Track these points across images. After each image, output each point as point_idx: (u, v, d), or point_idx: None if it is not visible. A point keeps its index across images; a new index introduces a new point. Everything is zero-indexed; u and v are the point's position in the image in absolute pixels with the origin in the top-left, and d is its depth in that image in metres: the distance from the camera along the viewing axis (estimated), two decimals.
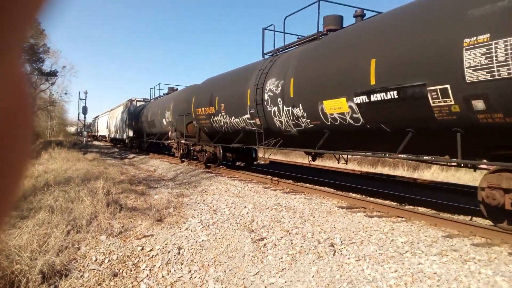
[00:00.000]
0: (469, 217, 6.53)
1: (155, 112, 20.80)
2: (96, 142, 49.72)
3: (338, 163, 10.73)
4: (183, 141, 16.68)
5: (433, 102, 5.44)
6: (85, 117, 36.71)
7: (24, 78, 0.31)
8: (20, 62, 0.30)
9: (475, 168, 6.11)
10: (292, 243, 5.20)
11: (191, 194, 9.14)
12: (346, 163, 11.44)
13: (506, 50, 4.52)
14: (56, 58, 34.42)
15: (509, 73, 4.52)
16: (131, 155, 24.62)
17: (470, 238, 5.11)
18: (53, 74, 33.59)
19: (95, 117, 62.25)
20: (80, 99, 35.86)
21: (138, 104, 28.85)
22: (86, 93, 35.49)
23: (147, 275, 4.74)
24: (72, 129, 69.71)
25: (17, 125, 0.31)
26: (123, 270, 4.84)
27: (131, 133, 28.20)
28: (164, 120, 18.80)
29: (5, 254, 4.42)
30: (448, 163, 6.49)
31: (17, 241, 4.81)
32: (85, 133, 38.51)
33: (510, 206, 4.94)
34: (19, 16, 0.27)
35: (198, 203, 7.94)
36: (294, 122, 8.99)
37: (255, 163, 15.14)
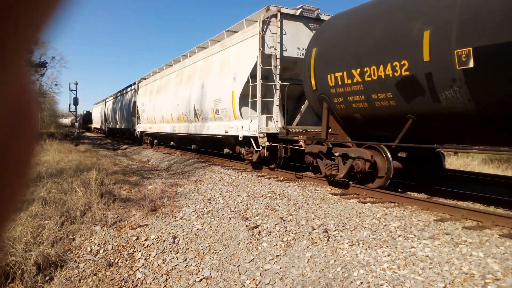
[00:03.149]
0: (461, 201, 6.62)
1: None
2: (88, 133, 49.33)
3: None
4: None
5: None
6: (76, 108, 36.37)
7: (29, 77, 0.32)
8: (25, 62, 0.30)
9: None
10: (286, 230, 5.24)
11: (185, 183, 9.14)
12: None
13: None
14: (45, 49, 33.92)
15: None
16: (124, 146, 24.52)
17: (461, 222, 5.17)
18: (42, 65, 33.13)
19: (103, 100, 41.97)
20: (71, 90, 35.51)
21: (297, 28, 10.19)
22: (76, 84, 35.16)
23: (143, 264, 4.76)
24: (65, 121, 67.75)
25: (23, 124, 0.32)
26: (118, 260, 4.86)
27: None
28: None
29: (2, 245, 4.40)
30: None
31: (11, 233, 4.79)
32: (76, 124, 38.17)
33: None
34: (29, 21, 0.28)
35: (193, 193, 7.95)
36: None
37: None
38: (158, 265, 4.74)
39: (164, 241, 5.30)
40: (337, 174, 7.59)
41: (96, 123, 47.06)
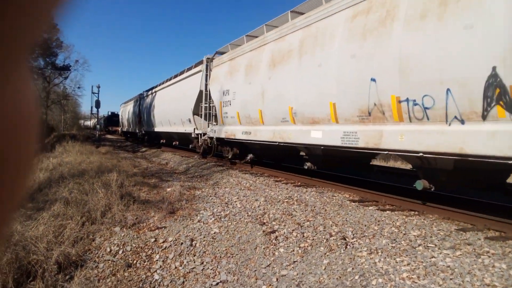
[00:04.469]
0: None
1: None
2: (109, 136, 50.13)
3: None
4: None
5: None
6: (98, 111, 37.01)
7: (28, 75, 0.31)
8: (25, 59, 0.30)
9: None
10: (303, 236, 5.21)
11: (202, 187, 9.20)
12: None
13: None
14: (69, 52, 34.82)
15: None
16: (143, 149, 24.85)
17: (484, 232, 5.05)
18: (66, 68, 34.01)
19: (136, 97, 32.74)
20: (93, 93, 36.21)
21: None
22: (99, 87, 35.80)
23: (160, 266, 4.81)
24: (87, 123, 67.42)
25: (22, 123, 0.31)
26: (137, 261, 4.92)
27: None
28: None
29: (21, 245, 4.53)
30: None
31: (33, 232, 4.92)
32: (98, 127, 38.85)
33: None
34: (31, 14, 0.28)
35: (210, 196, 7.99)
36: None
37: None
38: (176, 268, 4.77)
39: (182, 243, 5.34)
40: None
41: (126, 125, 38.20)
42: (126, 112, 38.58)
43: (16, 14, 0.26)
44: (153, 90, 25.02)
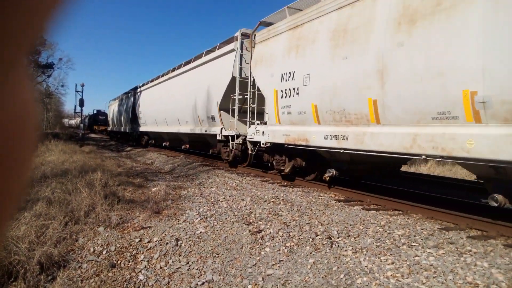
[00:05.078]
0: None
1: None
2: (93, 135, 49.46)
3: None
4: None
5: None
6: (81, 110, 36.51)
7: (26, 75, 0.32)
8: (24, 58, 0.30)
9: None
10: (289, 236, 5.22)
11: (188, 186, 9.15)
12: None
13: None
14: (52, 50, 34.19)
15: None
16: (128, 148, 24.58)
17: (466, 231, 5.14)
18: (49, 66, 33.43)
19: (128, 92, 28.38)
20: (77, 91, 35.66)
21: None
22: (83, 85, 35.31)
23: (145, 266, 4.76)
24: (71, 122, 66.42)
25: (22, 122, 0.31)
26: (121, 261, 4.86)
27: None
28: None
29: (2, 245, 4.42)
30: None
31: (15, 232, 4.81)
32: (82, 125, 38.32)
33: None
34: (31, 13, 0.28)
35: (196, 196, 7.95)
36: None
37: None
38: (161, 268, 4.73)
39: (167, 243, 5.29)
40: None
41: (115, 124, 33.70)
42: (115, 109, 33.57)
43: (16, 13, 0.26)
44: (154, 82, 21.02)
